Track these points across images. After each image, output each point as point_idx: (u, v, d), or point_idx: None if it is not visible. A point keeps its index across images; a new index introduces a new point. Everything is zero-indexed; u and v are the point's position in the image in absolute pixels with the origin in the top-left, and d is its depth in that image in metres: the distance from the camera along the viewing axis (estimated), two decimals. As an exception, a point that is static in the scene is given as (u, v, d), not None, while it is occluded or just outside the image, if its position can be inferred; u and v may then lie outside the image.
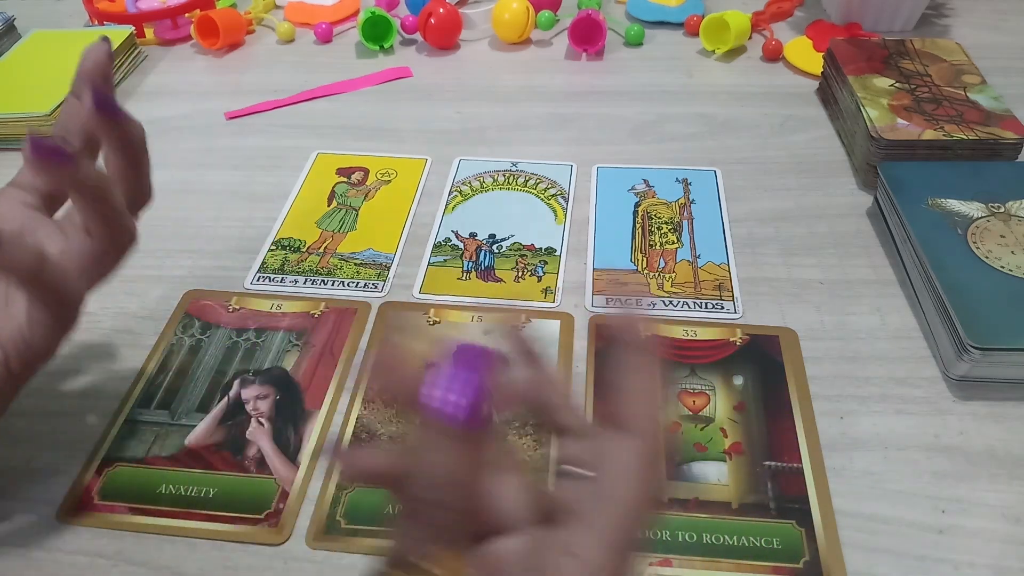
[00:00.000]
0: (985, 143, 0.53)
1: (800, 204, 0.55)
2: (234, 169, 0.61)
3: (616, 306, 0.46)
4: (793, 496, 0.38)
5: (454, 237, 0.53)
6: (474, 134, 0.64)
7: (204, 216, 0.57)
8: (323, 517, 0.38)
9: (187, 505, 0.39)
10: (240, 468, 0.40)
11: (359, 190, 0.58)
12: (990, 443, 0.40)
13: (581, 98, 0.68)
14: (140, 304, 0.49)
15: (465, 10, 0.78)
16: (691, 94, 0.68)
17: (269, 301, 0.49)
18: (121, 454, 0.41)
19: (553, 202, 0.56)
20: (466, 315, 0.47)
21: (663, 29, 0.77)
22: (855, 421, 0.41)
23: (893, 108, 0.56)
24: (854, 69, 0.60)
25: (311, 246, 0.53)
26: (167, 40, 0.79)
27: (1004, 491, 0.38)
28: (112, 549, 0.37)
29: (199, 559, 0.37)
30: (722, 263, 0.50)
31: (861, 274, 0.49)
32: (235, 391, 0.44)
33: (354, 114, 0.67)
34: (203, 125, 0.67)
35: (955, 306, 0.42)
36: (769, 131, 0.63)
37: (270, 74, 0.73)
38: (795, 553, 0.35)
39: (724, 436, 0.40)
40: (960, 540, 0.36)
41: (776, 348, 0.44)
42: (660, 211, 0.55)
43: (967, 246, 0.45)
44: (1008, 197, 0.48)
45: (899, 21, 0.73)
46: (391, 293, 0.50)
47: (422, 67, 0.74)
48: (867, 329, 0.46)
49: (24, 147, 0.31)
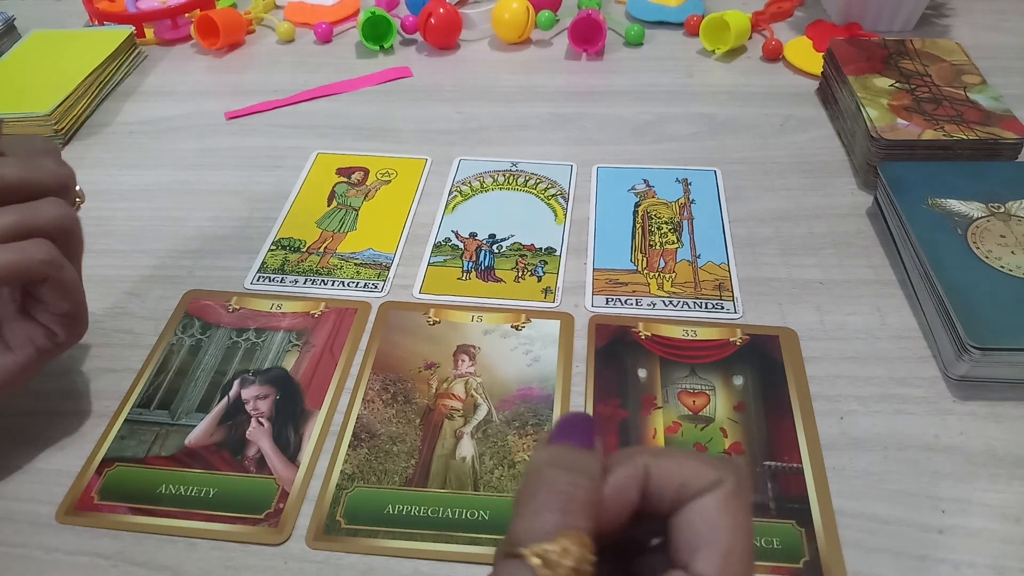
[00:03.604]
0: (985, 143, 0.53)
1: (800, 204, 0.55)
2: (234, 169, 0.61)
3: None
4: (793, 496, 0.38)
5: (454, 237, 0.53)
6: (474, 134, 0.64)
7: (204, 216, 0.57)
8: (323, 517, 0.38)
9: (187, 505, 0.39)
10: (240, 468, 0.40)
11: (359, 190, 0.58)
12: (990, 443, 0.40)
13: (581, 98, 0.68)
14: (140, 304, 0.49)
15: (465, 10, 0.78)
16: (691, 94, 0.68)
17: (269, 301, 0.49)
18: (121, 454, 0.41)
19: (553, 202, 0.56)
20: (466, 315, 0.48)
21: (663, 29, 0.77)
22: (855, 421, 0.41)
23: (893, 108, 0.56)
24: (854, 69, 0.60)
25: (311, 246, 0.53)
26: (167, 40, 0.79)
27: (1004, 491, 0.38)
28: (112, 549, 0.37)
29: (199, 559, 0.37)
30: (722, 263, 0.50)
31: (861, 274, 0.49)
32: (235, 391, 0.44)
33: (354, 114, 0.67)
34: (203, 125, 0.67)
35: (955, 306, 0.42)
36: (769, 131, 0.63)
37: (270, 74, 0.73)
38: (795, 553, 0.35)
39: (724, 436, 0.40)
40: (960, 540, 0.36)
41: (776, 348, 0.45)
42: (660, 211, 0.55)
43: (967, 246, 0.45)
44: (1008, 197, 0.48)
45: (899, 21, 0.73)
46: (391, 293, 0.50)
47: (422, 67, 0.74)
48: (867, 329, 0.46)
49: None
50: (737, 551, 0.22)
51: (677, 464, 0.23)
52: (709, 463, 0.23)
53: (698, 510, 0.23)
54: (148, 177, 0.61)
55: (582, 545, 0.21)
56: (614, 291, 0.49)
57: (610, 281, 0.49)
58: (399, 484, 0.39)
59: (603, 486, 0.23)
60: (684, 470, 0.23)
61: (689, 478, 0.23)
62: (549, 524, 0.21)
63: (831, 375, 0.43)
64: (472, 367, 0.45)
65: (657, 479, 0.23)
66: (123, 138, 0.65)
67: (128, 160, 0.63)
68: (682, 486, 0.23)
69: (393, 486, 0.39)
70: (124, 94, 0.71)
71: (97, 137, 0.66)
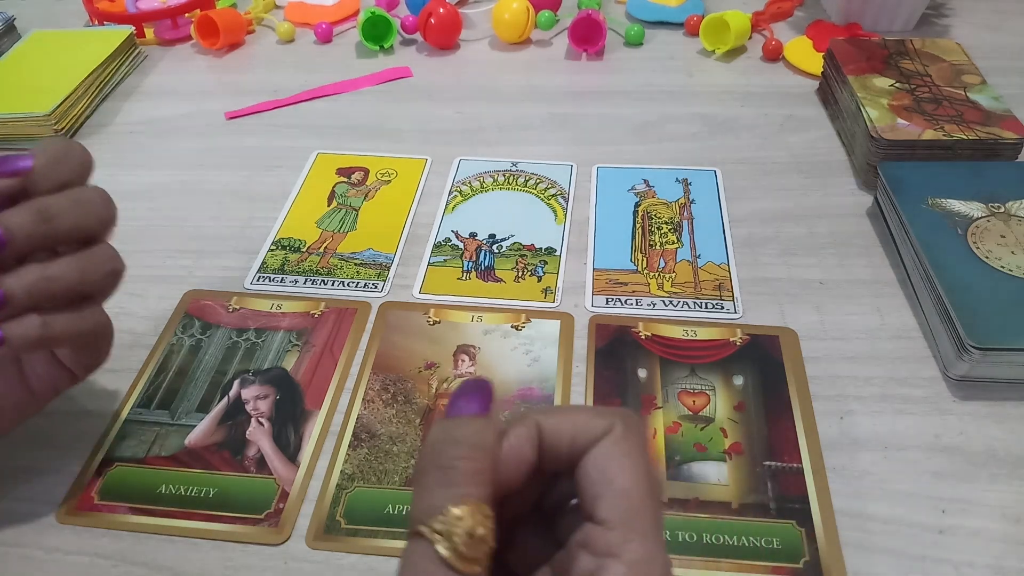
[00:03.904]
0: (985, 143, 0.53)
1: (800, 204, 0.55)
2: (234, 169, 0.61)
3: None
4: (793, 496, 0.38)
5: (454, 237, 0.53)
6: (474, 134, 0.64)
7: (204, 216, 0.57)
8: (323, 517, 0.38)
9: (187, 505, 0.39)
10: (240, 468, 0.40)
11: (359, 190, 0.58)
12: (990, 443, 0.40)
13: (581, 98, 0.68)
14: (140, 304, 0.49)
15: (465, 10, 0.78)
16: (691, 94, 0.68)
17: (269, 301, 0.49)
18: (121, 454, 0.41)
19: (553, 202, 0.56)
20: (466, 315, 0.47)
21: (663, 29, 0.77)
22: (855, 421, 0.41)
23: (893, 108, 0.56)
24: (854, 69, 0.60)
25: (311, 246, 0.53)
26: (167, 40, 0.79)
27: (1004, 491, 0.38)
28: (112, 549, 0.37)
29: (199, 559, 0.37)
30: (722, 263, 0.50)
31: (861, 274, 0.49)
32: (235, 391, 0.44)
33: (354, 114, 0.67)
34: (203, 125, 0.67)
35: (955, 306, 0.42)
36: (769, 131, 0.63)
37: (270, 74, 0.73)
38: (795, 553, 0.35)
39: (724, 436, 0.40)
40: (960, 540, 0.36)
41: (776, 348, 0.44)
42: (660, 211, 0.55)
43: (967, 246, 0.45)
44: (1008, 197, 0.48)
45: (899, 21, 0.73)
46: (391, 293, 0.50)
47: (422, 67, 0.74)
48: (867, 329, 0.46)
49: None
50: (636, 492, 0.22)
51: (567, 418, 0.24)
52: (597, 413, 0.24)
53: (592, 460, 0.23)
54: (148, 177, 0.61)
55: (476, 511, 0.22)
56: (614, 291, 0.49)
57: (610, 281, 0.49)
58: (399, 484, 0.39)
59: (498, 449, 0.23)
60: (574, 423, 0.24)
61: (579, 430, 0.24)
62: (439, 499, 0.22)
63: (831, 375, 0.43)
64: (472, 367, 0.45)
65: (550, 435, 0.24)
66: (123, 138, 0.65)
67: (128, 160, 0.63)
68: (573, 439, 0.24)
69: (393, 486, 0.39)
70: (124, 94, 0.71)
71: (97, 137, 0.66)
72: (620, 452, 0.23)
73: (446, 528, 0.21)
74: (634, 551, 0.22)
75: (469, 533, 0.21)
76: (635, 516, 0.22)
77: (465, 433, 0.23)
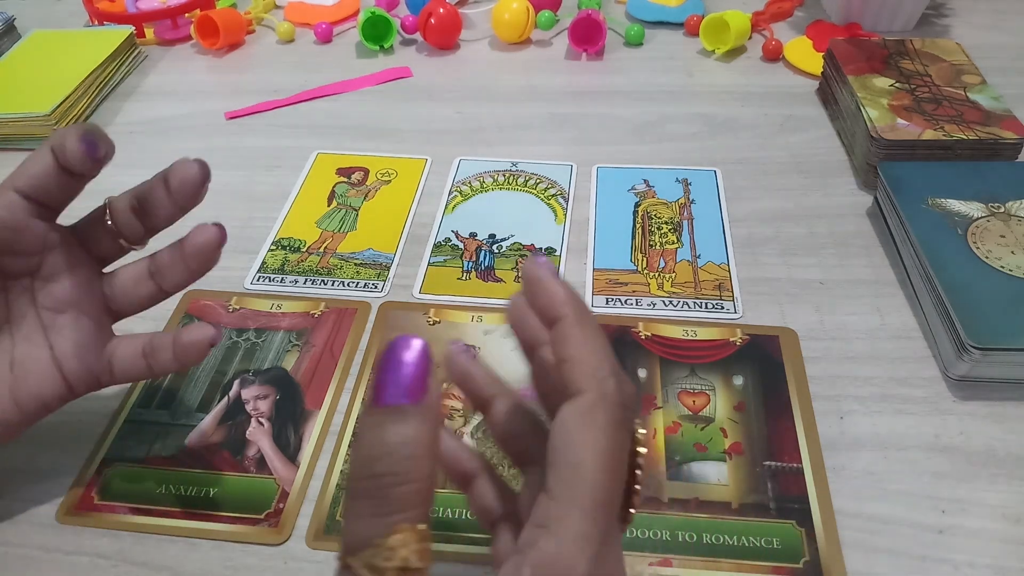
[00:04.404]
0: (985, 143, 0.53)
1: (800, 204, 0.55)
2: (234, 169, 0.61)
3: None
4: (793, 496, 0.38)
5: (454, 237, 0.53)
6: (474, 134, 0.64)
7: (204, 216, 0.56)
8: (323, 517, 0.38)
9: (187, 505, 0.39)
10: (240, 468, 0.40)
11: (359, 190, 0.58)
12: (990, 443, 0.40)
13: (581, 98, 0.68)
14: (140, 304, 0.49)
15: (465, 10, 0.78)
16: (691, 94, 0.68)
17: (269, 301, 0.49)
18: (121, 454, 0.41)
19: (553, 202, 0.56)
20: (466, 315, 0.47)
21: (663, 29, 0.77)
22: (855, 421, 0.41)
23: (893, 108, 0.56)
24: (854, 69, 0.60)
25: (311, 246, 0.53)
26: (167, 40, 0.79)
27: (1004, 491, 0.38)
28: (112, 549, 0.37)
29: (199, 559, 0.37)
30: (722, 263, 0.50)
31: (861, 274, 0.49)
32: (235, 391, 0.44)
33: (354, 114, 0.67)
34: (203, 125, 0.67)
35: (955, 306, 0.42)
36: (769, 131, 0.63)
37: (270, 74, 0.73)
38: (795, 553, 0.35)
39: (724, 436, 0.40)
40: (960, 540, 0.36)
41: (776, 348, 0.44)
42: (660, 211, 0.55)
43: (967, 246, 0.45)
44: (1008, 197, 0.48)
45: (899, 21, 0.73)
46: (391, 293, 0.50)
47: (422, 67, 0.74)
48: (867, 329, 0.46)
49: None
50: (588, 466, 0.21)
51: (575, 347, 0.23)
52: (589, 368, 0.22)
53: (559, 423, 0.22)
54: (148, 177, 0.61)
55: (410, 539, 0.20)
56: (614, 291, 0.49)
57: (610, 281, 0.49)
58: (399, 484, 0.39)
59: (437, 447, 0.22)
60: (572, 359, 0.22)
61: (567, 373, 0.22)
62: (370, 529, 0.20)
63: (831, 375, 0.43)
64: (472, 367, 0.44)
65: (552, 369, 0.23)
66: (123, 138, 0.65)
67: (128, 160, 0.63)
68: (560, 375, 0.22)
69: (393, 486, 0.39)
70: (124, 94, 0.71)
71: (97, 137, 0.65)
72: (583, 423, 0.21)
73: (377, 563, 0.20)
74: (569, 527, 0.20)
75: (402, 568, 0.20)
76: (581, 491, 0.20)
77: (395, 442, 0.21)
